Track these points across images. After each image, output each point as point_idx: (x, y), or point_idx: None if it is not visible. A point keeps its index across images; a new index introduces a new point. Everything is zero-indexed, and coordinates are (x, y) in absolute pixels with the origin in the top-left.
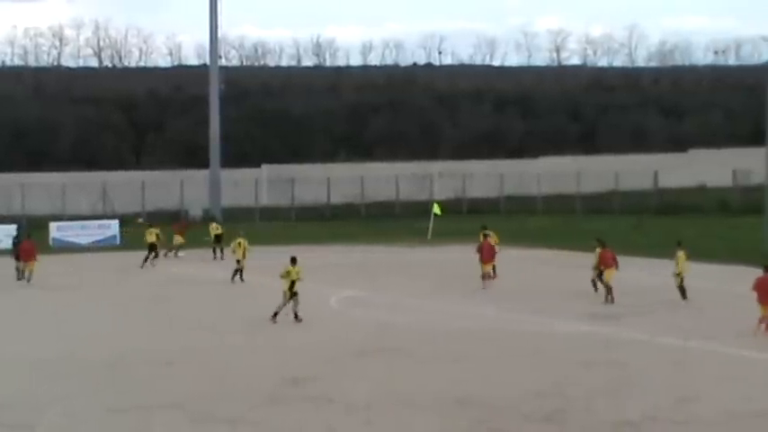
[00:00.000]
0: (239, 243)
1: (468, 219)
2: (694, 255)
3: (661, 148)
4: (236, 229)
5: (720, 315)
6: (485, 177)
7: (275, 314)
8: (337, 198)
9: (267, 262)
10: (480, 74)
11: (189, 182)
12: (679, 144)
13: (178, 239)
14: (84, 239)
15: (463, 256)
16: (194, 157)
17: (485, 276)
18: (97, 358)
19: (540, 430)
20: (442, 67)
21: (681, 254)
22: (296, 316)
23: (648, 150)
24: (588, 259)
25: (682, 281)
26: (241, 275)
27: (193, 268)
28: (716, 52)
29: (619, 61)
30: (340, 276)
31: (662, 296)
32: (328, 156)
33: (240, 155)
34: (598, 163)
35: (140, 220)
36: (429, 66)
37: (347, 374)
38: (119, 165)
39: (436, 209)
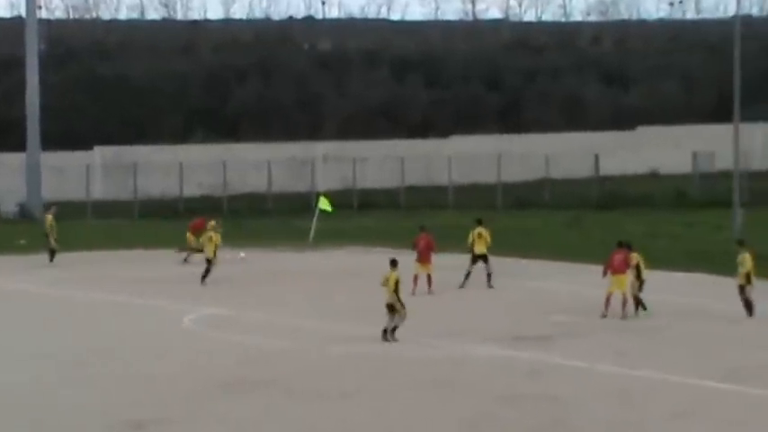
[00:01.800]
0: (210, 237)
1: (360, 215)
2: (643, 259)
3: (602, 124)
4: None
5: (675, 336)
6: (381, 162)
7: (394, 329)
8: (192, 189)
9: (102, 272)
10: (375, 30)
11: None
12: (625, 120)
13: (192, 240)
14: None
15: (353, 262)
16: (5, 136)
17: (416, 280)
18: None
19: None
20: (327, 22)
21: (747, 256)
22: (387, 332)
23: (587, 128)
24: (513, 265)
25: (746, 291)
26: (204, 276)
27: (6, 279)
28: (671, 3)
29: (549, 15)
30: (197, 290)
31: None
32: (180, 135)
33: (66, 133)
34: (524, 143)
35: None
36: (310, 20)
37: (205, 415)
38: None
39: (323, 203)
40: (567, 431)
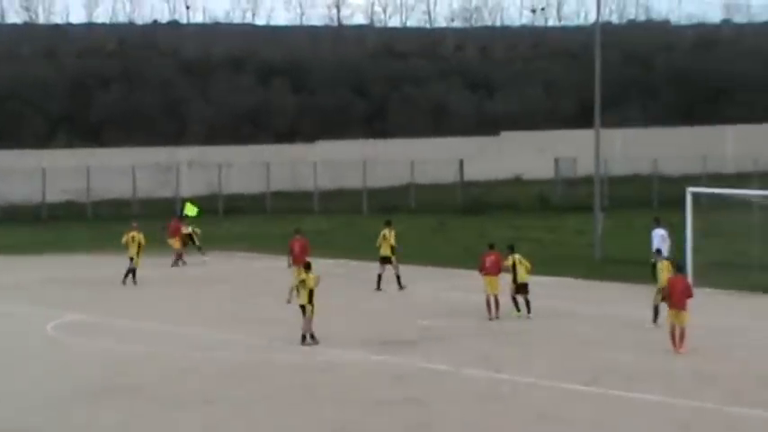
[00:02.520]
0: (132, 237)
1: (226, 221)
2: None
3: (467, 130)
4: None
5: (540, 339)
6: (247, 167)
7: (304, 336)
8: (55, 195)
9: None
10: (240, 36)
11: None
12: (489, 126)
13: (175, 244)
14: None
15: (219, 267)
16: None
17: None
18: None
19: None
20: (191, 27)
21: (665, 264)
22: (312, 337)
23: (451, 133)
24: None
25: (664, 298)
26: (134, 276)
27: None
28: (533, 10)
29: (414, 21)
30: (60, 296)
31: (468, 316)
32: (43, 140)
33: None
34: (389, 149)
35: None
36: (174, 24)
37: (69, 423)
38: None
39: (189, 209)
40: None
